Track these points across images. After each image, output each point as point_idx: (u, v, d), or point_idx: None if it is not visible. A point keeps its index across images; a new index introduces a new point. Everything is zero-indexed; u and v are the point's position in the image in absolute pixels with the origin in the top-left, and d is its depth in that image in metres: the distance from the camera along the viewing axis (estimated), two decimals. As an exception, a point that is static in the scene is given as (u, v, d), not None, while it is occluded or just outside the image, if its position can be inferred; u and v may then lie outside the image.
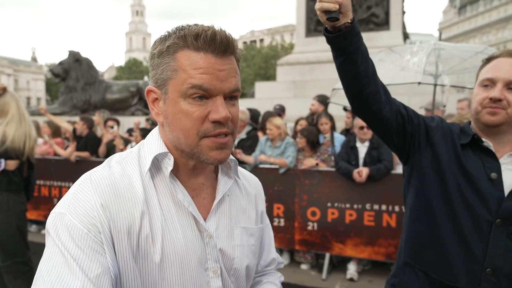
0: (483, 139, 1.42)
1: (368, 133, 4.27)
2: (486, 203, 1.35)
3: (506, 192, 1.34)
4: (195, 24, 0.88)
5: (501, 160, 1.40)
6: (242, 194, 1.09)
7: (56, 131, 6.21)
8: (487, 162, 1.40)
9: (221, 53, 0.86)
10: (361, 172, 4.08)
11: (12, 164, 2.99)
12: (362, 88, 1.38)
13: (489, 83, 1.41)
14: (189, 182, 0.96)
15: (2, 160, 2.94)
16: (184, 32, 0.86)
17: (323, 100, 5.95)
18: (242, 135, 5.19)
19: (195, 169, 0.96)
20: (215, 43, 0.85)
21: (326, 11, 1.24)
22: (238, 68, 0.92)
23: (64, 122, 6.55)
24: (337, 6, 1.22)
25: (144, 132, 5.86)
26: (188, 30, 0.86)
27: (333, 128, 5.07)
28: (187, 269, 0.90)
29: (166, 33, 0.90)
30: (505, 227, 1.33)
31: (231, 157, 0.99)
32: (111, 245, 0.82)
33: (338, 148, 4.71)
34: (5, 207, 2.96)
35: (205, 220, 0.95)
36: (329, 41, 1.34)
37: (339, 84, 4.48)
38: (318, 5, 1.24)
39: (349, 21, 1.28)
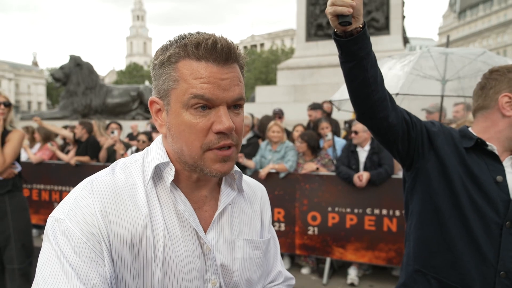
0: (488, 143, 1.42)
1: (356, 138, 4.28)
2: (494, 206, 1.36)
3: None
4: (197, 33, 0.86)
5: (503, 163, 1.41)
6: (247, 205, 1.06)
7: (46, 137, 6.17)
8: (491, 165, 1.41)
9: (223, 62, 0.84)
10: (362, 177, 4.08)
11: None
12: (370, 94, 1.35)
13: None
14: (192, 194, 0.94)
15: (16, 162, 3.05)
16: (184, 41, 0.84)
17: (317, 107, 6.01)
18: (243, 140, 5.17)
19: (198, 181, 0.94)
20: (216, 51, 0.83)
21: (339, 15, 1.21)
22: (242, 76, 0.89)
23: (63, 130, 6.56)
24: (351, 10, 1.19)
25: (149, 135, 5.85)
26: (188, 39, 0.84)
27: (334, 132, 5.07)
28: (186, 280, 0.89)
29: (167, 42, 0.88)
30: None
31: (236, 168, 0.97)
32: (110, 255, 0.81)
33: (339, 152, 4.71)
34: (25, 206, 3.12)
35: (206, 233, 0.94)
36: (339, 46, 1.31)
37: (335, 95, 4.47)
38: (330, 9, 1.20)
39: (361, 25, 1.26)
